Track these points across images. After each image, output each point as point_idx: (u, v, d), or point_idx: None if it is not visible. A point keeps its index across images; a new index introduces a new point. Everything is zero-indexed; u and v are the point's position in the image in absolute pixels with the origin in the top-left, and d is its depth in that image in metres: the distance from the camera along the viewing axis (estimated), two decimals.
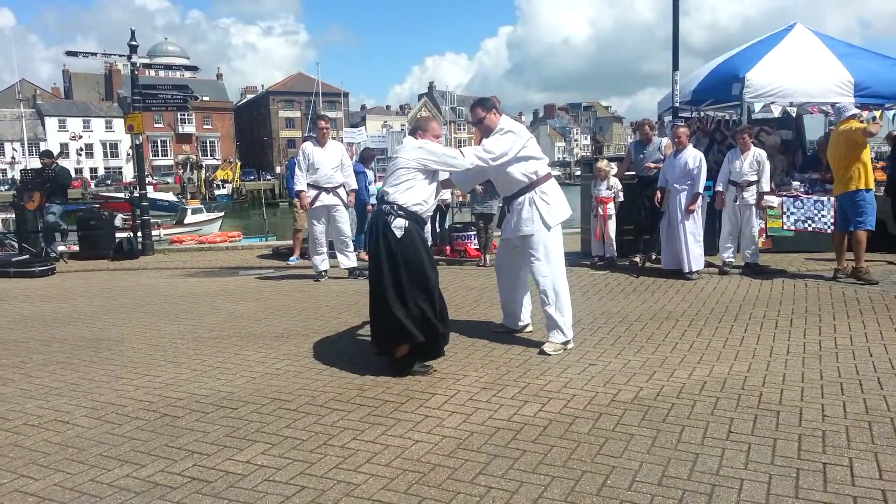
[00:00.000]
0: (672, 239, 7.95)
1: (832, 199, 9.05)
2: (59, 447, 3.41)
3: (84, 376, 4.61)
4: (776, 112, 9.70)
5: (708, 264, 8.23)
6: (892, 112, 10.26)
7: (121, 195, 35.92)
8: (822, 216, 9.16)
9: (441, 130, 4.90)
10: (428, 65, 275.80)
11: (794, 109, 9.85)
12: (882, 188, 8.94)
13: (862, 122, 7.64)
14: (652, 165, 8.46)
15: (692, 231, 7.78)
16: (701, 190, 7.75)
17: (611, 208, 8.62)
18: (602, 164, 8.76)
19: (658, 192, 8.10)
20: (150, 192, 22.85)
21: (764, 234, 8.93)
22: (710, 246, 8.44)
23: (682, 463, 3.07)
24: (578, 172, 20.55)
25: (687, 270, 7.74)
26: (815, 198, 9.27)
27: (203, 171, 55.91)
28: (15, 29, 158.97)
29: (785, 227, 9.33)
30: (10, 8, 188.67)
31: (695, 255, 7.78)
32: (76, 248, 11.59)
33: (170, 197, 45.99)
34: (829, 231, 9.14)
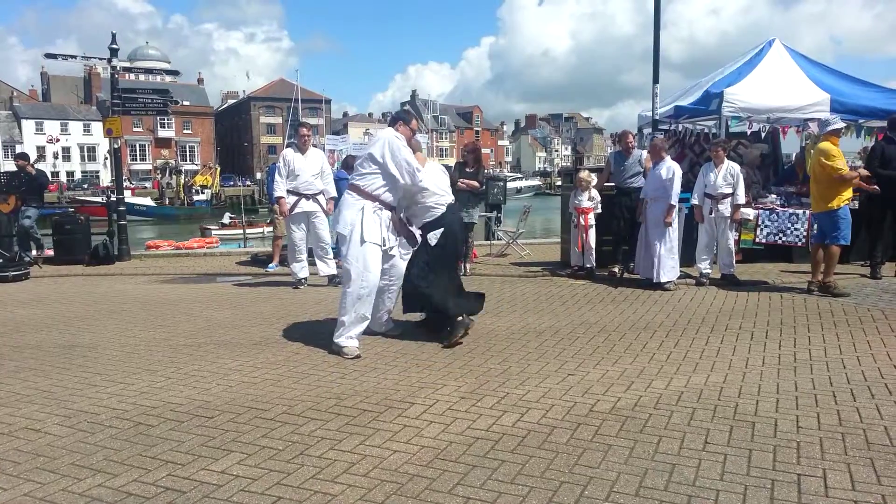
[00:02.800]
0: (649, 249, 8.02)
1: (807, 212, 9.21)
2: (29, 456, 3.34)
3: (57, 383, 4.53)
4: (754, 127, 9.86)
5: (685, 275, 8.31)
6: (863, 128, 10.48)
7: (97, 199, 35.55)
8: (795, 229, 9.31)
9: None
10: (410, 73, 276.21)
11: (770, 125, 10.02)
12: (856, 202, 9.08)
13: (840, 135, 7.73)
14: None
15: (666, 242, 7.85)
16: (674, 202, 7.84)
17: (591, 218, 8.68)
18: (583, 174, 8.82)
19: (638, 203, 8.20)
20: (128, 197, 22.64)
21: (736, 247, 9.05)
22: (689, 257, 8.54)
23: (659, 474, 3.08)
24: (559, 183, 20.75)
25: (656, 280, 7.81)
26: (790, 211, 9.41)
27: (182, 176, 55.34)
28: None
29: (756, 241, 9.46)
30: None
31: (667, 267, 7.85)
32: (50, 252, 11.42)
33: (147, 201, 45.56)
34: (799, 244, 9.29)
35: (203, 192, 51.25)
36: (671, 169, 7.85)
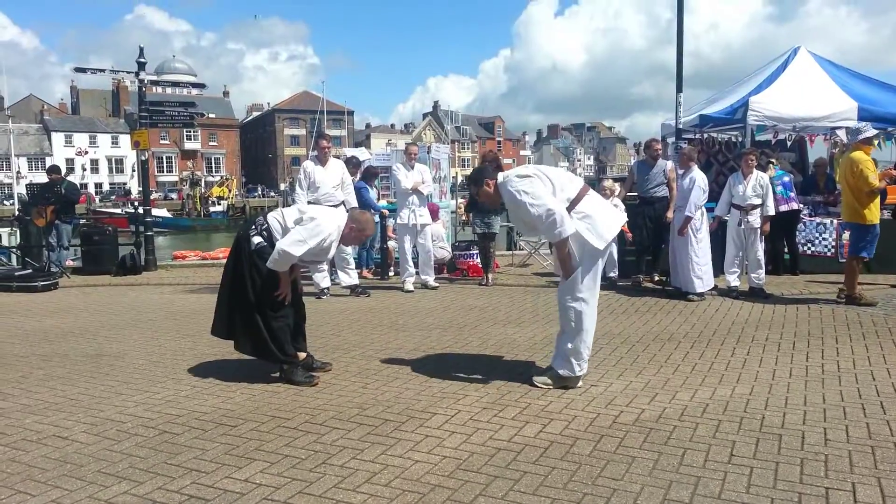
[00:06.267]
0: (677, 260, 7.94)
1: (835, 221, 9.08)
2: (57, 463, 3.39)
3: (84, 392, 4.60)
4: (780, 136, 9.76)
5: (714, 286, 8.19)
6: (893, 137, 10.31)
7: (118, 211, 36.08)
8: (824, 239, 9.17)
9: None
10: (430, 85, 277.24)
11: (796, 134, 9.91)
12: (885, 212, 8.93)
13: (873, 144, 7.60)
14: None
15: (691, 254, 7.72)
16: (689, 213, 7.71)
17: None
18: (608, 183, 8.82)
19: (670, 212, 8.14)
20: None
21: (767, 256, 8.90)
22: (716, 269, 8.41)
23: (684, 486, 3.04)
24: None
25: (685, 291, 7.71)
26: (818, 220, 9.28)
27: (200, 188, 55.82)
28: (38, 49, 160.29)
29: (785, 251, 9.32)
30: (34, 30, 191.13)
31: (695, 278, 7.71)
32: (74, 262, 11.60)
33: (163, 213, 46.12)
34: (829, 255, 9.15)
35: (220, 204, 51.77)
36: (693, 178, 7.76)
